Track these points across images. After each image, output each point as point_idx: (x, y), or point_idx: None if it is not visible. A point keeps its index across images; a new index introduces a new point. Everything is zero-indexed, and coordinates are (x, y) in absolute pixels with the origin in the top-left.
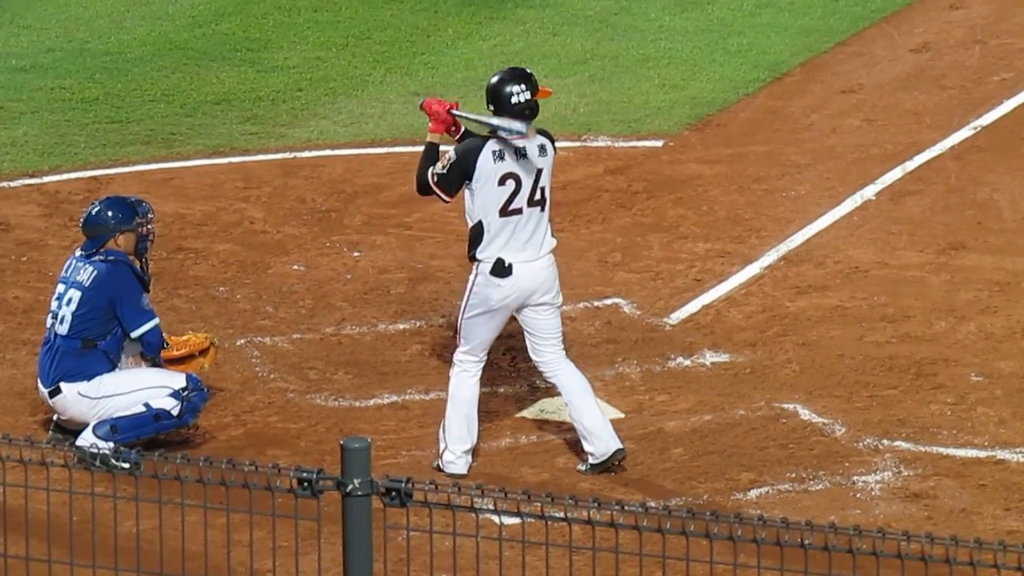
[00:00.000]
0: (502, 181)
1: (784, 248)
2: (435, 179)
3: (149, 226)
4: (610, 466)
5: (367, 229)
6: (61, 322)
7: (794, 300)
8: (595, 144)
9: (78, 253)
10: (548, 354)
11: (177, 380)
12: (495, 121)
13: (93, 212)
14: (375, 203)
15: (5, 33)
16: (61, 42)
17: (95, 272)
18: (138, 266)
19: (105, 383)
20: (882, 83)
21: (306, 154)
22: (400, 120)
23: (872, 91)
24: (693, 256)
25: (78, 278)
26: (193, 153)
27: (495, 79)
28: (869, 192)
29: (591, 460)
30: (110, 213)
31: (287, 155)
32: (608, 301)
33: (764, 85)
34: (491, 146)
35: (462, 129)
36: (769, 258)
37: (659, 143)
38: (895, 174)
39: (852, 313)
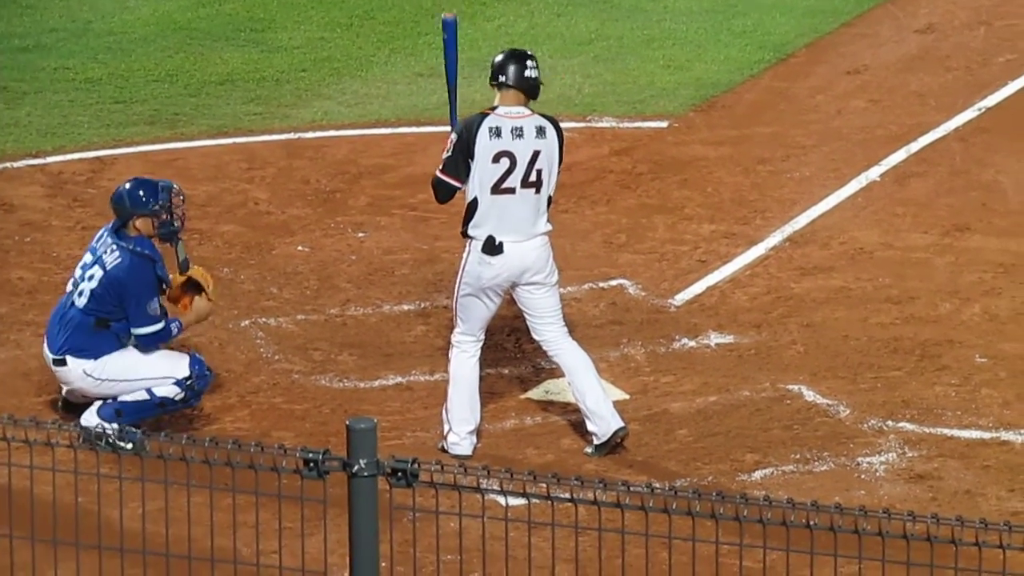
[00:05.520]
0: (496, 159)
1: (789, 229)
2: (441, 167)
3: (178, 211)
4: (613, 444)
5: (372, 210)
6: (80, 295)
7: (799, 281)
8: (600, 125)
9: (110, 225)
10: (548, 332)
11: (181, 369)
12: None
13: (117, 191)
14: (380, 184)
15: (8, 13)
16: (64, 22)
17: (119, 260)
18: (174, 249)
19: (110, 366)
20: (887, 64)
21: (310, 135)
22: (404, 100)
23: (877, 72)
24: (698, 237)
25: (105, 257)
26: (197, 134)
27: (505, 53)
28: (874, 174)
29: (596, 441)
30: (128, 196)
31: (291, 136)
32: (613, 282)
33: (769, 66)
34: (488, 122)
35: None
36: (774, 239)
37: (664, 124)
38: (900, 155)
39: (857, 294)
